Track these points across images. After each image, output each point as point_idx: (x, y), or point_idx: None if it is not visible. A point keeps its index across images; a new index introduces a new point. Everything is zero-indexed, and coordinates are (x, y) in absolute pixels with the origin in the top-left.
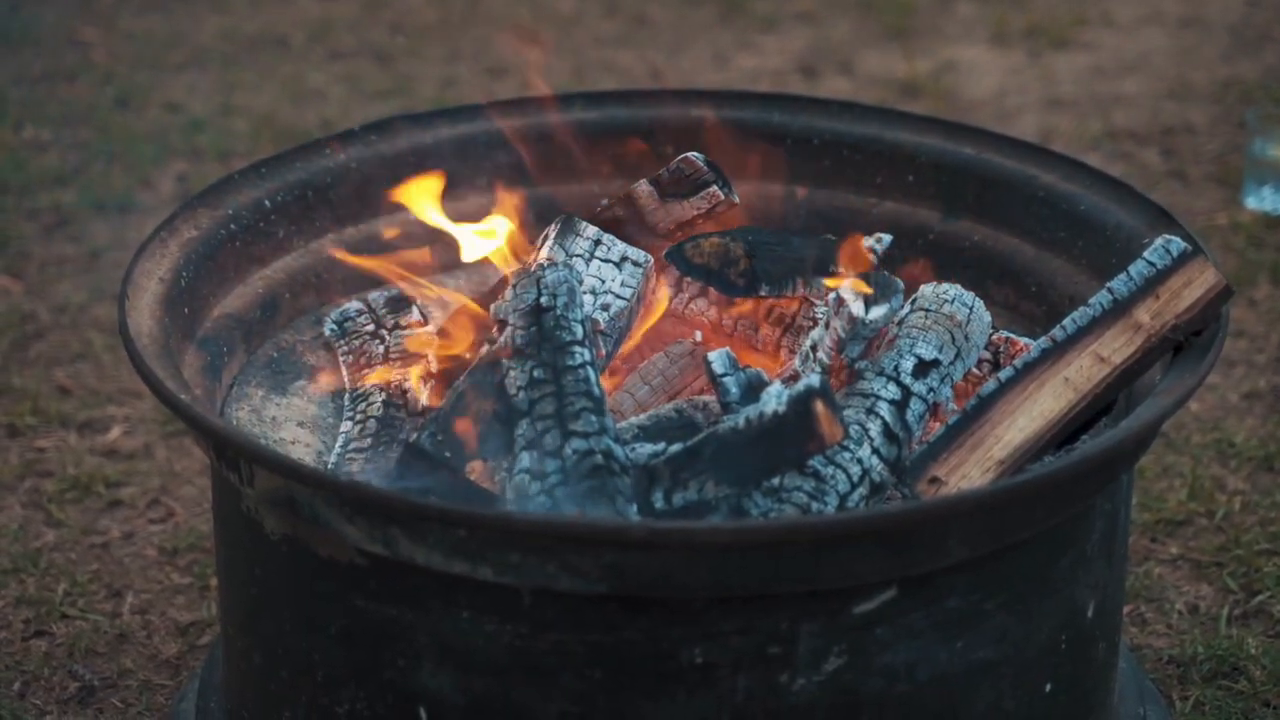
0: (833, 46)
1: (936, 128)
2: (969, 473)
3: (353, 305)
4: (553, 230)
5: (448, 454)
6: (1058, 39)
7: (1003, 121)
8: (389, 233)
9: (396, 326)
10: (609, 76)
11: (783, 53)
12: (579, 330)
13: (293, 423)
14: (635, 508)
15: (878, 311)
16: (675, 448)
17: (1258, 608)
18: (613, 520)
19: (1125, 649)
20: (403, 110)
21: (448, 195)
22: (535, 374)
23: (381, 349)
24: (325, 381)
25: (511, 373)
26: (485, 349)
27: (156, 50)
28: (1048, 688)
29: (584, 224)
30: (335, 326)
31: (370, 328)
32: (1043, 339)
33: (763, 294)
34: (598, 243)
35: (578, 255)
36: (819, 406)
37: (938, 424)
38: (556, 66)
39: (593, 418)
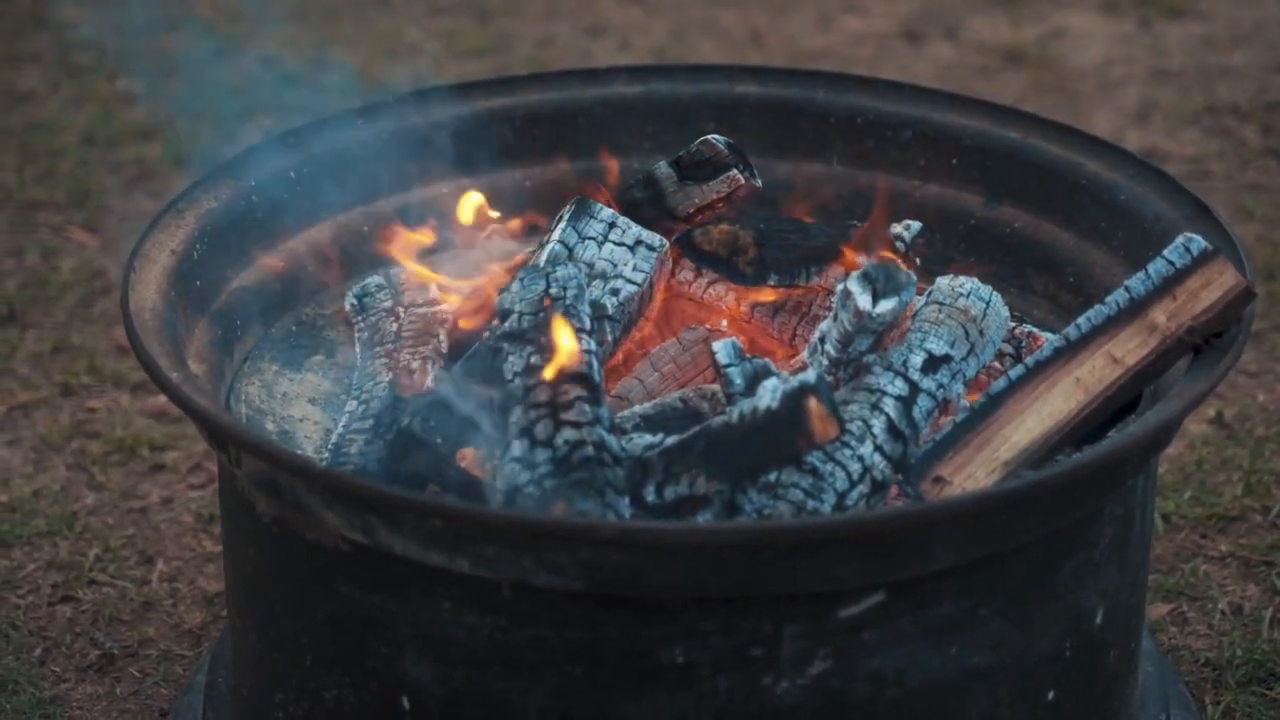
0: (941, 10)
1: (983, 111)
2: (974, 473)
3: (374, 280)
4: (567, 212)
5: (439, 439)
6: (1171, 7)
7: (1104, 93)
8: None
9: (413, 304)
10: (708, 38)
11: (889, 16)
12: (586, 320)
13: (304, 399)
14: (627, 501)
15: (886, 305)
16: (670, 440)
17: None
18: (584, 518)
19: (1156, 652)
20: (494, 70)
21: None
22: (533, 360)
23: (395, 326)
24: (341, 357)
25: (510, 358)
26: (487, 335)
27: (259, 2)
28: (1050, 696)
29: (599, 206)
30: (355, 301)
31: (388, 304)
32: (1056, 337)
33: (772, 283)
34: (612, 225)
35: (590, 238)
36: (812, 404)
37: (948, 420)
38: (655, 26)
39: (586, 407)
